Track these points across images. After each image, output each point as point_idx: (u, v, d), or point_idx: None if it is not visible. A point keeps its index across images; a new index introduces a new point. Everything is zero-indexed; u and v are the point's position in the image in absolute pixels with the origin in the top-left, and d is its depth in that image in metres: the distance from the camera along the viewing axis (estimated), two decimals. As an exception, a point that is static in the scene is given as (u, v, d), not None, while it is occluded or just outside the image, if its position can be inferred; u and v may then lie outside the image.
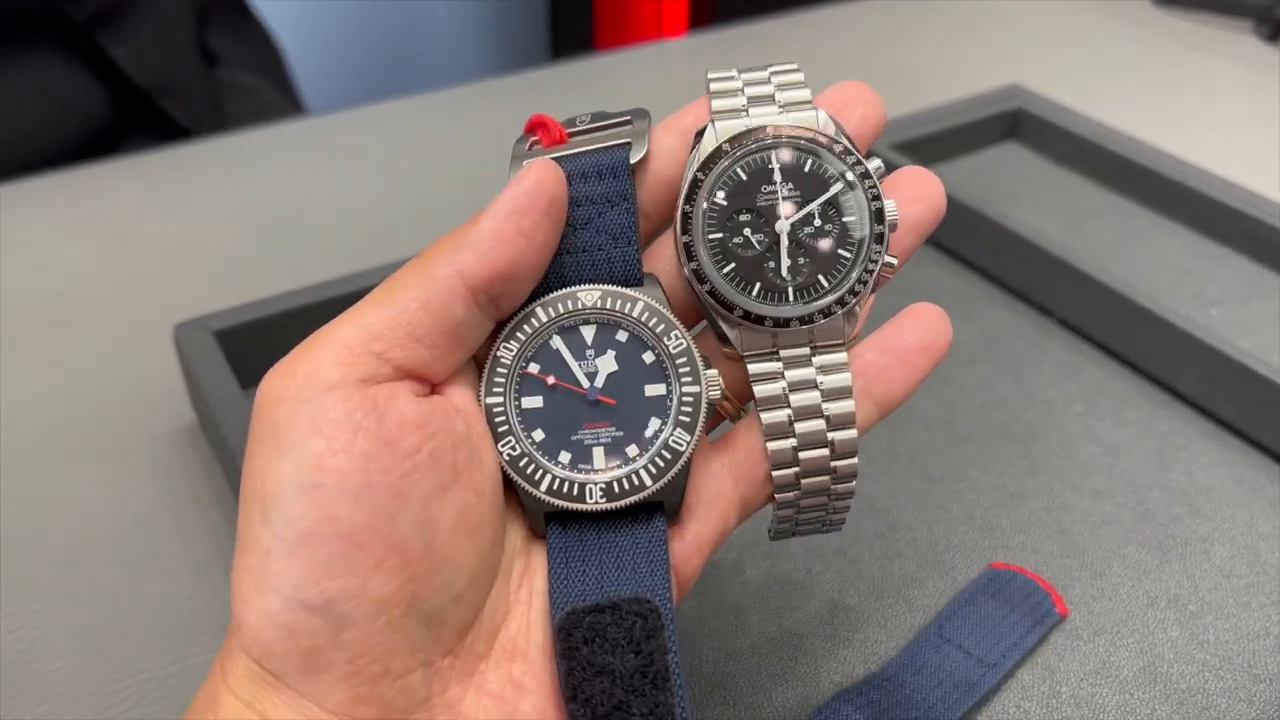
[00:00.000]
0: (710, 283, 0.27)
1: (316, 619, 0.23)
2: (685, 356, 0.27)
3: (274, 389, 0.24)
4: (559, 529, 0.27)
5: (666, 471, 0.27)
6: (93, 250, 0.60)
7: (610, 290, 0.27)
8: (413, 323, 0.25)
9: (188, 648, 0.39)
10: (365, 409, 0.24)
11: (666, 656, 0.25)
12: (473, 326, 0.26)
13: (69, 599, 0.40)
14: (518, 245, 0.25)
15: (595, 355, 0.27)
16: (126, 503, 0.44)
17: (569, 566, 0.27)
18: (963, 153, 0.68)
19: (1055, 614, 0.38)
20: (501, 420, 0.27)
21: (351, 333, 0.25)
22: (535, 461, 0.27)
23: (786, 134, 0.28)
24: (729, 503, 0.28)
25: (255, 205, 0.64)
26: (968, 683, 0.36)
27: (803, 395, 0.28)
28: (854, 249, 0.27)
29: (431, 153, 0.70)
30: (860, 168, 0.28)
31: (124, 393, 0.50)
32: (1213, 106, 0.76)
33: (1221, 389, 0.47)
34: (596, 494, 0.27)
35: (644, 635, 0.25)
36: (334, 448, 0.23)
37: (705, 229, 0.27)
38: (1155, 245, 0.60)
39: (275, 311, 0.46)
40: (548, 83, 0.80)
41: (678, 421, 0.27)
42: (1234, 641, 0.38)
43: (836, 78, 0.31)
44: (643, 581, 0.26)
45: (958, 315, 0.54)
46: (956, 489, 0.44)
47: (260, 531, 0.23)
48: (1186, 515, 0.43)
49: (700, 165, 0.27)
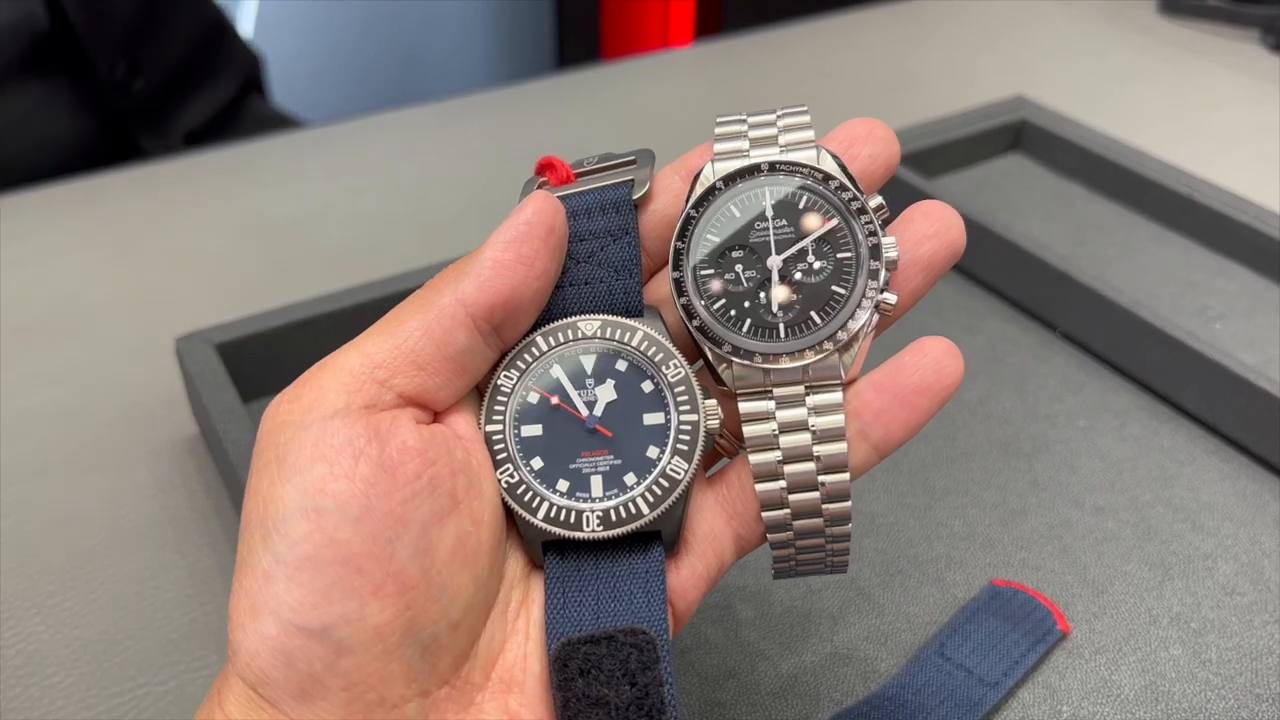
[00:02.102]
0: (699, 318, 0.27)
1: (314, 644, 0.23)
2: (683, 385, 0.27)
3: (279, 414, 0.25)
4: (556, 558, 0.27)
5: (664, 500, 0.27)
6: (94, 262, 0.60)
7: (610, 320, 0.27)
8: (416, 351, 0.25)
9: (187, 662, 0.39)
10: (368, 435, 0.24)
11: (662, 688, 0.25)
12: (475, 355, 0.26)
13: (69, 612, 0.40)
14: (518, 273, 0.26)
15: (595, 384, 0.27)
16: (127, 515, 0.44)
17: (566, 596, 0.26)
18: (967, 164, 0.68)
19: (1057, 631, 0.38)
20: (501, 448, 0.27)
21: (356, 360, 0.25)
22: (533, 489, 0.27)
23: (782, 172, 0.28)
24: (724, 539, 0.28)
25: (258, 217, 0.64)
26: (969, 702, 0.36)
27: (793, 437, 0.27)
28: (849, 285, 0.27)
29: (436, 163, 0.70)
30: (856, 203, 0.27)
31: (125, 405, 0.50)
32: (1219, 118, 0.76)
33: (1225, 404, 0.47)
34: (593, 522, 0.26)
35: (639, 667, 0.25)
36: (336, 473, 0.24)
37: (697, 265, 0.27)
38: (1159, 258, 0.60)
39: (277, 324, 0.47)
40: (554, 92, 0.80)
41: (675, 450, 0.27)
42: (1237, 660, 0.38)
43: (840, 88, 0.31)
44: (639, 612, 0.26)
45: (961, 328, 0.54)
46: (958, 504, 0.44)
47: (261, 555, 0.24)
48: (1189, 532, 0.43)
49: (694, 203, 0.27)
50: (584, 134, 0.73)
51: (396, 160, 0.71)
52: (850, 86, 0.79)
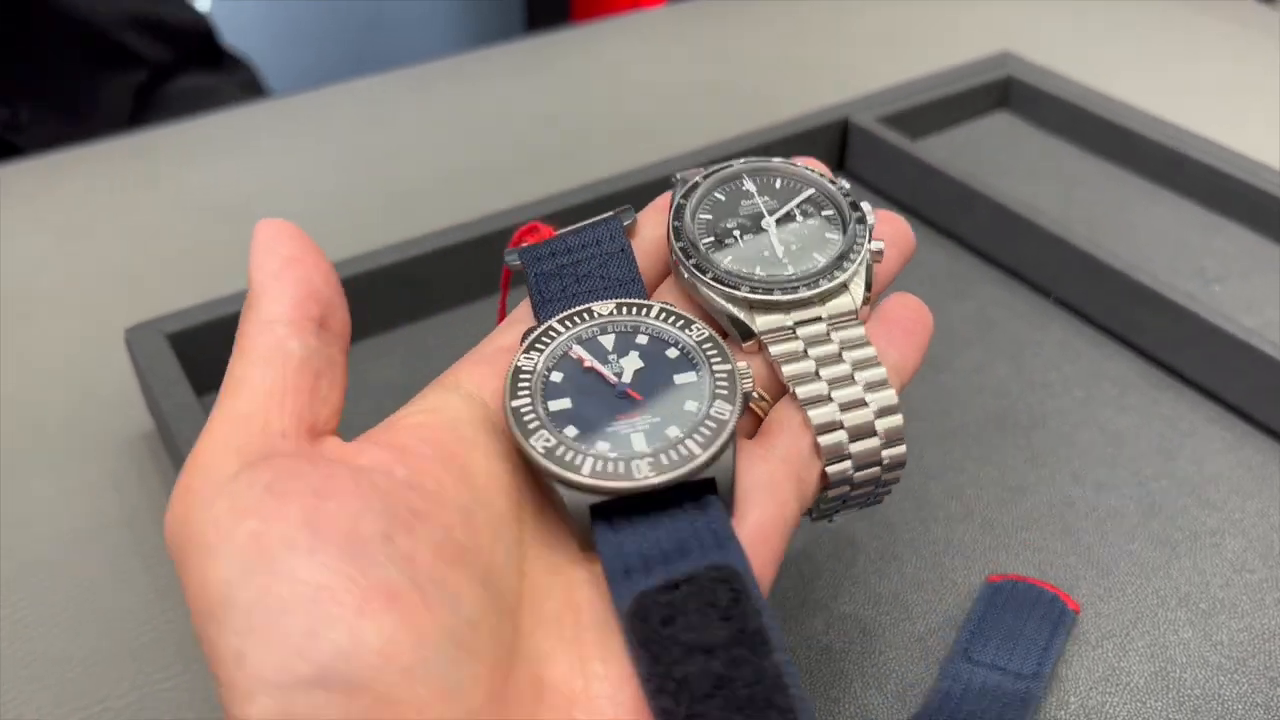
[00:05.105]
0: (714, 269, 0.28)
1: (319, 695, 0.19)
2: (710, 343, 0.27)
3: (176, 515, 0.22)
4: (608, 530, 0.24)
5: (714, 440, 0.24)
6: (39, 246, 0.57)
7: (624, 300, 0.28)
8: (265, 383, 0.23)
9: (149, 672, 0.36)
10: (282, 475, 0.22)
11: (761, 618, 0.22)
12: (319, 356, 0.24)
13: (20, 624, 0.38)
14: (294, 270, 0.25)
15: (619, 357, 0.26)
16: (80, 517, 0.42)
17: (627, 561, 0.23)
18: (952, 124, 0.65)
19: (1070, 611, 0.37)
20: (531, 418, 0.25)
21: (223, 428, 0.23)
22: (573, 448, 0.24)
23: (754, 162, 0.31)
24: (783, 486, 0.26)
25: (213, 194, 0.61)
26: (1019, 699, 0.34)
27: (833, 369, 0.27)
28: (839, 230, 0.30)
29: (402, 133, 0.67)
30: (828, 179, 0.31)
31: (75, 398, 0.47)
32: (1210, 71, 0.74)
33: (1227, 370, 0.45)
34: (644, 468, 0.24)
35: (730, 600, 0.22)
36: (267, 520, 0.21)
37: (694, 236, 0.29)
38: (1153, 216, 0.58)
39: (231, 312, 0.44)
40: (524, 56, 0.77)
41: (715, 395, 0.25)
42: (1248, 642, 0.36)
43: (817, 47, 0.31)
44: (712, 556, 0.23)
45: (952, 295, 0.52)
46: (955, 484, 0.42)
47: (223, 641, 0.20)
48: (1195, 507, 0.41)
49: (682, 194, 0.30)
50: (556, 99, 0.70)
51: (361, 130, 0.68)
52: (828, 45, 0.76)
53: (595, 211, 0.52)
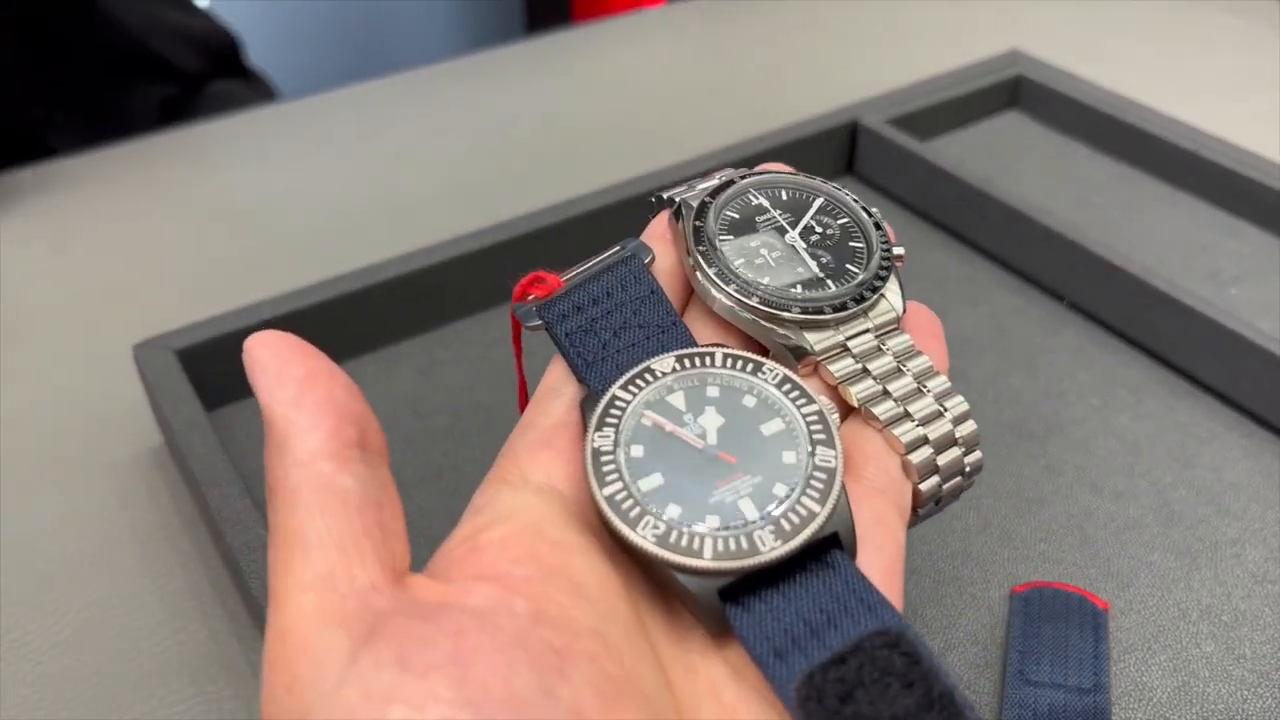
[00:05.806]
0: (758, 293, 0.27)
1: None
2: (789, 384, 0.25)
3: (287, 710, 0.19)
4: (741, 612, 0.22)
5: (829, 492, 0.23)
6: (45, 257, 0.56)
7: (681, 353, 0.25)
8: (332, 533, 0.21)
9: (161, 696, 0.36)
10: (409, 647, 0.19)
11: (945, 679, 0.21)
12: (373, 484, 0.22)
13: (27, 645, 0.38)
14: (314, 392, 0.22)
15: (695, 416, 0.24)
16: (88, 535, 0.41)
17: (774, 643, 0.22)
18: (961, 125, 0.65)
19: (1100, 611, 0.36)
20: (630, 505, 0.23)
21: (307, 599, 0.20)
22: (686, 533, 0.22)
23: (756, 177, 0.30)
24: (890, 519, 0.25)
25: (220, 202, 0.61)
26: (1089, 715, 0.33)
27: (898, 383, 0.26)
28: (862, 238, 0.29)
29: (404, 138, 0.66)
30: (829, 185, 0.30)
31: (83, 414, 0.47)
32: (1226, 68, 0.73)
33: (1244, 375, 0.45)
34: (768, 539, 0.22)
35: (906, 665, 0.21)
36: (416, 704, 0.18)
37: (727, 260, 0.28)
38: (1167, 219, 0.57)
39: (239, 327, 0.43)
40: (524, 57, 0.76)
41: (814, 441, 0.24)
42: (1272, 655, 0.36)
43: (824, 47, 0.30)
44: (866, 619, 0.22)
45: (964, 301, 0.52)
46: (972, 494, 0.42)
47: None
48: (1214, 516, 0.41)
49: (695, 215, 0.29)
50: (559, 101, 0.70)
51: (363, 137, 0.67)
52: (834, 45, 0.76)
53: (611, 218, 0.52)
